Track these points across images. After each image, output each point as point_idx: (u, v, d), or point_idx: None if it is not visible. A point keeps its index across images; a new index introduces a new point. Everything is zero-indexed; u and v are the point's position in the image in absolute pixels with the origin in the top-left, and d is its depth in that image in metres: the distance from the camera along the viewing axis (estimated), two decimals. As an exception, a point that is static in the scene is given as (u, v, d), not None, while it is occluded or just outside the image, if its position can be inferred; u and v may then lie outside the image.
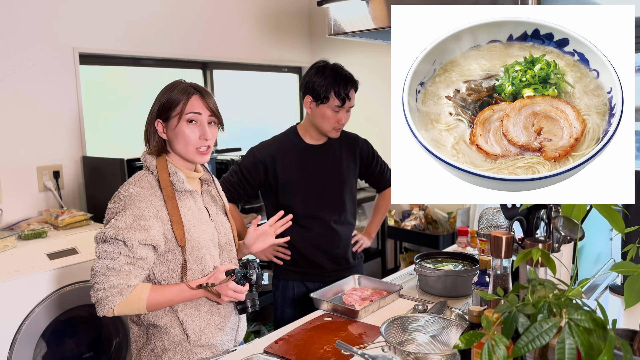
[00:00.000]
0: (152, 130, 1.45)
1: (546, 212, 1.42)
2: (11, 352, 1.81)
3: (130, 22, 2.85)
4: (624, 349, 0.82)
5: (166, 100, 1.42)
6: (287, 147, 2.05)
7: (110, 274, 1.32)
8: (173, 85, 1.45)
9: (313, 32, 3.91)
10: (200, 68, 3.34)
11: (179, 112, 1.41)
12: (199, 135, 1.42)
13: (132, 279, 1.34)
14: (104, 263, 1.33)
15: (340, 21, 1.82)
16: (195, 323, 1.45)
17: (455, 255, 1.96)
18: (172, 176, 1.43)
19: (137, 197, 1.36)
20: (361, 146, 2.17)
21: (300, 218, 2.03)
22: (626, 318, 1.57)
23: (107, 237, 1.33)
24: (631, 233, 1.13)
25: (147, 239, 1.34)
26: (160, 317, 1.43)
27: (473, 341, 0.89)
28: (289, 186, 2.02)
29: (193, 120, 1.42)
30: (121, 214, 1.35)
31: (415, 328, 1.38)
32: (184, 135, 1.41)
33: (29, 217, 2.50)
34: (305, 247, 2.06)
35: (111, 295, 1.31)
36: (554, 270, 1.00)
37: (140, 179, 1.42)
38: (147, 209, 1.36)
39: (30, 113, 2.51)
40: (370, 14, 1.73)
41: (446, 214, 3.30)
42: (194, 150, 1.43)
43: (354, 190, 2.15)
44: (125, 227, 1.33)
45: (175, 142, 1.43)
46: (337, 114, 1.97)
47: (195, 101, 1.42)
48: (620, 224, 0.97)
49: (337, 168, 2.07)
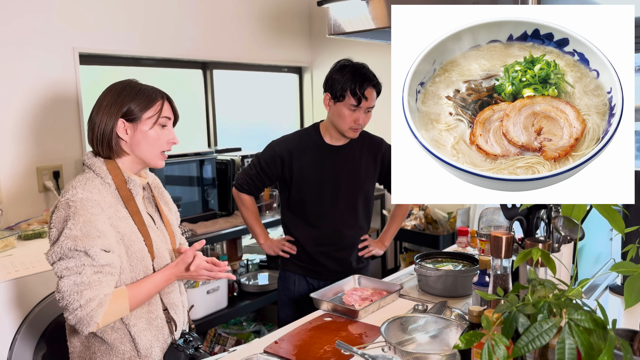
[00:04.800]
0: (109, 130, 1.34)
1: (546, 212, 1.42)
2: (11, 352, 1.81)
3: (130, 22, 2.85)
4: (624, 349, 0.82)
5: (137, 103, 1.36)
6: (306, 145, 2.03)
7: (82, 289, 1.22)
8: (137, 87, 1.39)
9: (313, 32, 3.91)
10: (200, 68, 3.34)
11: (153, 116, 1.37)
12: (168, 140, 1.41)
13: (106, 287, 1.26)
14: (70, 280, 1.23)
15: (340, 21, 1.82)
16: (147, 337, 1.37)
17: (455, 255, 1.96)
18: (128, 183, 1.37)
19: (88, 202, 1.26)
20: (384, 151, 2.11)
21: (309, 216, 2.05)
22: (626, 318, 1.57)
23: (65, 251, 1.23)
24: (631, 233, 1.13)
25: (107, 245, 1.26)
26: (109, 333, 1.34)
27: (473, 341, 0.89)
28: (302, 184, 2.02)
29: (165, 124, 1.40)
30: (74, 221, 1.24)
31: (415, 328, 1.38)
32: (154, 139, 1.37)
33: (29, 217, 2.50)
34: (309, 245, 2.07)
35: (92, 310, 1.23)
36: (554, 270, 1.00)
37: (87, 183, 1.31)
38: (100, 214, 1.27)
39: (30, 113, 2.51)
40: (370, 14, 1.73)
41: (446, 214, 3.29)
42: (158, 154, 1.40)
43: (370, 195, 2.13)
44: (82, 236, 1.23)
45: (142, 144, 1.37)
46: (354, 114, 1.93)
47: (167, 106, 1.41)
48: (620, 224, 0.97)
49: (355, 171, 2.04)
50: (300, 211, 2.08)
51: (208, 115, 3.40)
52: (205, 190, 2.83)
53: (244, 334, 3.03)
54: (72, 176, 2.67)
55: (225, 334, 2.93)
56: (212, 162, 2.86)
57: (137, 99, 1.36)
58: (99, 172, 1.34)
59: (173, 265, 1.39)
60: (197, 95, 3.38)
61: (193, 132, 3.36)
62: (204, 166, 2.83)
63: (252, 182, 2.08)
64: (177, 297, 1.46)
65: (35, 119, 2.53)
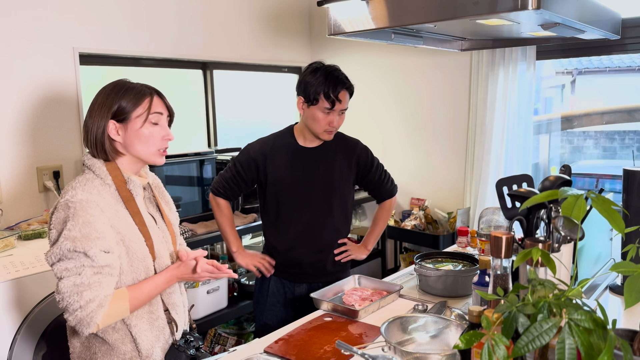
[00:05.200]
0: (100, 132, 1.33)
1: (546, 212, 1.42)
2: (11, 352, 1.81)
3: (131, 22, 2.85)
4: (624, 349, 0.82)
5: (125, 101, 1.34)
6: (280, 147, 2.04)
7: (82, 289, 1.22)
8: (125, 86, 1.36)
9: (313, 32, 3.91)
10: (200, 68, 3.34)
11: (143, 113, 1.34)
12: (162, 136, 1.38)
13: (106, 288, 1.25)
14: (70, 281, 1.22)
15: (340, 21, 1.82)
16: (148, 338, 1.37)
17: (455, 255, 1.96)
18: (128, 183, 1.36)
19: (87, 204, 1.26)
20: (359, 153, 2.08)
21: (284, 219, 2.04)
22: (626, 318, 1.57)
23: (64, 252, 1.22)
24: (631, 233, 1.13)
25: (106, 247, 1.25)
26: (110, 333, 1.33)
27: (473, 341, 0.89)
28: (276, 186, 2.02)
29: (157, 121, 1.37)
30: (73, 223, 1.23)
31: (415, 328, 1.38)
32: (148, 137, 1.35)
33: (29, 217, 2.50)
34: (284, 247, 2.06)
35: (92, 311, 1.22)
36: (554, 270, 1.00)
37: (86, 184, 1.30)
38: (99, 215, 1.26)
39: (30, 113, 2.51)
40: (370, 14, 1.73)
41: (446, 214, 3.29)
42: (155, 152, 1.38)
43: (347, 197, 2.09)
44: (81, 237, 1.22)
45: (136, 143, 1.35)
46: (328, 116, 1.92)
47: (158, 102, 1.38)
48: (620, 224, 0.97)
49: (328, 173, 2.02)
50: (275, 214, 2.06)
51: (208, 115, 3.40)
52: (205, 190, 2.83)
53: (244, 334, 3.03)
54: (72, 176, 2.66)
55: (225, 334, 2.93)
56: (212, 162, 2.86)
57: (125, 97, 1.34)
58: (98, 173, 1.33)
59: (174, 267, 1.39)
60: (197, 95, 3.38)
61: (193, 132, 3.36)
62: (204, 166, 2.83)
63: (229, 186, 2.06)
64: (178, 297, 1.46)
65: (36, 119, 2.53)
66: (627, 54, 2.80)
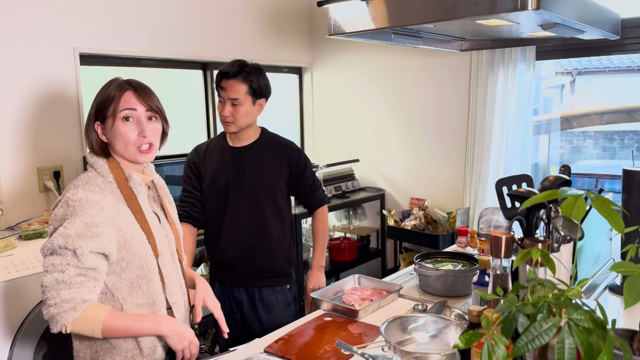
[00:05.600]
0: (91, 133, 1.36)
1: (546, 212, 1.42)
2: (11, 352, 1.81)
3: (131, 22, 2.85)
4: (623, 348, 0.82)
5: (100, 100, 1.34)
6: (213, 148, 2.06)
7: (61, 287, 1.22)
8: (108, 83, 1.37)
9: (313, 32, 3.91)
10: (200, 68, 3.34)
11: (114, 111, 1.33)
12: (137, 133, 1.34)
13: (86, 293, 1.24)
14: (52, 277, 1.22)
15: (340, 21, 1.82)
16: (151, 337, 1.35)
17: (455, 255, 1.96)
18: (129, 181, 1.36)
19: (87, 202, 1.26)
20: (291, 154, 2.04)
21: (216, 220, 2.02)
22: (626, 318, 1.57)
23: (55, 247, 1.22)
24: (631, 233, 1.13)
25: (99, 247, 1.25)
26: None
27: (473, 341, 0.89)
28: (209, 188, 2.02)
29: (129, 117, 1.33)
30: (70, 221, 1.24)
31: (415, 328, 1.39)
32: (121, 135, 1.33)
33: (29, 217, 2.50)
34: (217, 247, 2.04)
35: (64, 311, 1.21)
36: (554, 270, 1.01)
37: (88, 182, 1.31)
38: (98, 214, 1.26)
39: (31, 113, 2.51)
40: (370, 14, 1.73)
41: (446, 213, 3.30)
42: (134, 150, 1.35)
43: (279, 198, 2.03)
44: (75, 235, 1.22)
45: (115, 143, 1.34)
46: (220, 106, 1.96)
47: (129, 97, 1.34)
48: (620, 224, 0.97)
49: (257, 172, 1.99)
50: (209, 215, 2.04)
51: (208, 115, 3.40)
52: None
53: (244, 334, 3.03)
54: (73, 176, 2.67)
55: (225, 334, 2.93)
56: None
57: (100, 97, 1.35)
58: (100, 170, 1.34)
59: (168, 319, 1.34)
60: (197, 95, 3.38)
61: (193, 132, 3.36)
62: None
63: (187, 202, 2.04)
64: (180, 297, 1.46)
65: (36, 119, 2.53)
66: (627, 54, 2.81)
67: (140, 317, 1.31)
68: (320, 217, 2.16)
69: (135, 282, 1.34)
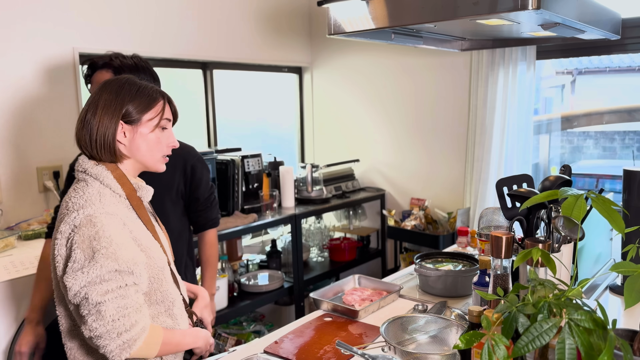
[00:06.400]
0: (110, 134, 1.25)
1: (546, 212, 1.42)
2: (11, 352, 1.81)
3: (131, 22, 2.85)
4: (624, 349, 0.82)
5: (138, 103, 1.26)
6: None
7: (129, 311, 1.13)
8: (136, 85, 1.29)
9: (313, 32, 3.91)
10: (200, 68, 3.34)
11: (154, 118, 1.28)
12: (167, 143, 1.33)
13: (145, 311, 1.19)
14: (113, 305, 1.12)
15: (341, 21, 1.81)
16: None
17: (455, 255, 1.96)
18: (138, 191, 1.30)
19: (112, 218, 1.18)
20: (189, 158, 1.80)
21: None
22: (626, 318, 1.57)
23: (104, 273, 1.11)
24: (631, 233, 1.13)
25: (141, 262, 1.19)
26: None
27: (473, 341, 0.89)
28: None
29: (165, 127, 1.32)
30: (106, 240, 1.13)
31: (415, 328, 1.38)
32: (155, 142, 1.29)
33: (29, 217, 2.49)
34: None
35: (136, 334, 1.14)
36: (554, 270, 1.00)
37: (101, 198, 1.21)
38: (122, 230, 1.19)
39: (30, 113, 2.51)
40: (370, 14, 1.73)
41: (446, 214, 3.29)
42: (160, 158, 1.32)
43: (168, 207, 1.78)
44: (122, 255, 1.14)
45: (142, 148, 1.28)
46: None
47: (167, 106, 1.33)
48: (620, 224, 0.97)
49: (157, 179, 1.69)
50: None
51: (208, 115, 3.40)
52: (205, 190, 2.83)
53: (244, 334, 3.03)
54: (72, 176, 2.66)
55: (225, 334, 2.93)
56: (212, 162, 2.86)
57: (138, 99, 1.26)
58: (107, 182, 1.24)
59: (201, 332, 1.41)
60: (197, 95, 3.38)
61: (193, 132, 3.36)
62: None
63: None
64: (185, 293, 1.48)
65: (36, 119, 2.53)
66: (627, 53, 2.80)
67: (183, 333, 1.34)
68: (211, 241, 1.90)
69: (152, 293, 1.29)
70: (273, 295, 2.96)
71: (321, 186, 3.35)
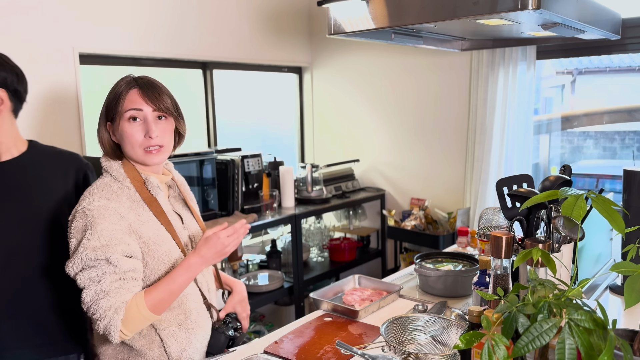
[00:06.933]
0: (103, 133, 1.32)
1: (546, 212, 1.42)
2: (11, 352, 1.81)
3: (131, 22, 2.85)
4: (624, 349, 0.82)
5: (109, 99, 1.31)
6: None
7: (100, 297, 1.19)
8: (119, 81, 1.32)
9: (313, 32, 3.91)
10: (200, 68, 3.34)
11: (120, 110, 1.28)
12: (144, 134, 1.29)
13: (125, 294, 1.22)
14: (91, 291, 1.20)
15: (341, 21, 1.82)
16: (178, 341, 1.34)
17: (455, 255, 1.96)
18: (147, 184, 1.32)
19: (105, 210, 1.23)
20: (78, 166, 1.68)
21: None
22: (626, 318, 1.57)
23: (86, 261, 1.20)
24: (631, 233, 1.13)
25: (128, 251, 1.23)
26: (137, 339, 1.31)
27: (473, 341, 0.89)
28: None
29: (135, 117, 1.28)
30: (92, 231, 1.21)
31: (415, 328, 1.38)
32: (127, 136, 1.28)
33: (29, 217, 2.49)
34: None
35: (111, 319, 1.19)
36: (554, 270, 1.00)
37: (104, 189, 1.27)
38: (118, 222, 1.24)
39: (30, 113, 2.50)
40: (370, 14, 1.73)
41: (446, 214, 3.29)
42: (141, 152, 1.30)
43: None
44: (101, 245, 1.20)
45: (124, 144, 1.30)
46: None
47: (134, 96, 1.28)
48: (621, 224, 0.97)
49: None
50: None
51: (208, 115, 3.40)
52: (205, 190, 2.83)
53: (244, 334, 3.03)
54: (72, 176, 2.66)
55: (225, 334, 2.93)
56: (212, 162, 2.86)
57: (108, 97, 1.31)
58: (116, 175, 1.30)
59: (191, 254, 1.32)
60: (197, 95, 3.37)
61: (193, 132, 3.36)
62: (204, 166, 2.83)
63: None
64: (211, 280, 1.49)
65: (35, 119, 2.52)
66: (627, 53, 2.80)
67: (172, 276, 1.28)
68: None
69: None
70: (273, 295, 2.96)
71: (321, 186, 3.35)
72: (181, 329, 1.35)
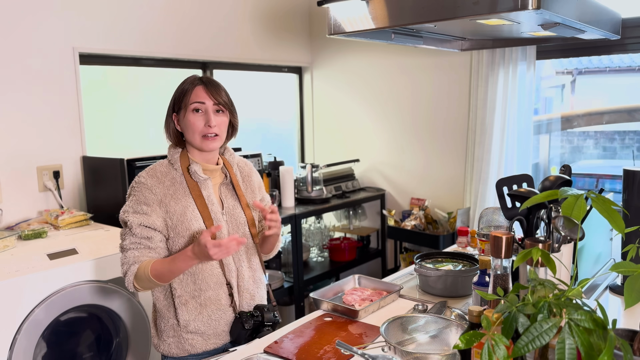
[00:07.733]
0: (169, 123, 1.57)
1: (546, 212, 1.42)
2: (11, 352, 1.81)
3: (130, 22, 2.85)
4: (624, 349, 0.82)
5: (177, 94, 1.55)
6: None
7: (122, 251, 1.49)
8: (184, 80, 1.57)
9: (313, 32, 3.91)
10: (200, 68, 3.34)
11: (186, 103, 1.51)
12: (204, 123, 1.51)
13: (139, 256, 1.46)
14: (120, 242, 1.51)
15: (341, 21, 1.81)
16: (188, 309, 1.53)
17: (455, 255, 1.96)
18: (190, 170, 1.55)
19: (143, 185, 1.50)
20: None
21: None
22: (626, 318, 1.57)
23: (121, 220, 1.51)
24: (631, 233, 1.13)
25: (147, 222, 1.47)
26: (160, 300, 1.56)
27: (473, 341, 0.89)
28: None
29: (198, 109, 1.51)
30: (129, 200, 1.51)
31: (415, 328, 1.38)
32: (190, 124, 1.51)
33: (29, 217, 2.49)
34: None
35: (127, 271, 1.46)
36: (554, 270, 1.00)
37: (153, 169, 1.54)
38: (149, 195, 1.49)
39: (30, 113, 2.51)
40: (370, 14, 1.73)
41: (446, 214, 3.29)
42: (200, 138, 1.52)
43: None
44: (131, 211, 1.49)
45: (186, 131, 1.54)
46: None
47: (199, 91, 1.52)
48: (620, 224, 0.97)
49: None
50: None
51: (208, 115, 3.40)
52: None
53: (244, 334, 3.02)
54: (72, 176, 2.67)
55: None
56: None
57: (176, 91, 1.56)
58: (171, 159, 1.56)
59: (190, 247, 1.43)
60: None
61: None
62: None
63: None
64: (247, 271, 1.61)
65: (36, 119, 2.53)
66: (627, 53, 2.80)
67: (174, 258, 1.45)
68: None
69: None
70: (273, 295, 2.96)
71: (321, 186, 3.35)
72: (194, 300, 1.53)
